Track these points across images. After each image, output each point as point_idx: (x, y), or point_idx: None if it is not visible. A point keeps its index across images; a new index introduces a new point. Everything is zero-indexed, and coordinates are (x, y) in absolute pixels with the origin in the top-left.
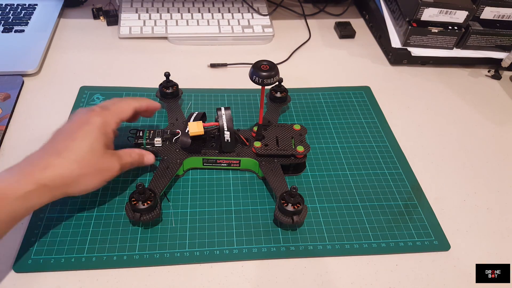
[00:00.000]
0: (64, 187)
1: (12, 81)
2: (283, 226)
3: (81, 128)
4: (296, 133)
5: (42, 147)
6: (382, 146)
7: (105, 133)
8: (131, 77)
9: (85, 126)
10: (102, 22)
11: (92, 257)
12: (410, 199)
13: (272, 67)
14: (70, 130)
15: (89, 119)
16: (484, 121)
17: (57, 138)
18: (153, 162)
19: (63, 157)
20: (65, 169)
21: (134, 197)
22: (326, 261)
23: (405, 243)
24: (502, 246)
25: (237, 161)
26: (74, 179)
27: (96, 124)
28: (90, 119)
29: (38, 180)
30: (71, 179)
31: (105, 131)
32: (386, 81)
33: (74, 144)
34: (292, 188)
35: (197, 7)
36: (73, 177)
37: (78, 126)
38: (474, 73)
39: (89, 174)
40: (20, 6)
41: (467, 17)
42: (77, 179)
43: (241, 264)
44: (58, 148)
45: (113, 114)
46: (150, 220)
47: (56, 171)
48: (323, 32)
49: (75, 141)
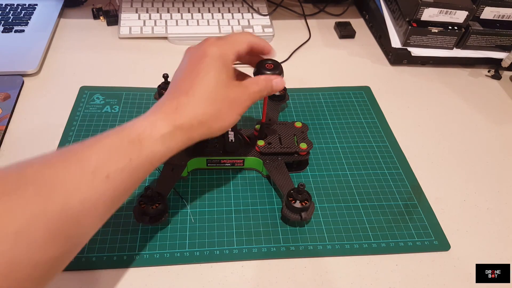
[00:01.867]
0: (199, 127)
1: (12, 81)
2: (291, 223)
3: (201, 61)
4: (298, 130)
5: (168, 91)
6: (382, 146)
7: (226, 64)
8: (131, 77)
9: (204, 59)
10: (102, 22)
11: (92, 257)
12: (410, 199)
13: (276, 66)
14: (190, 66)
15: (206, 51)
16: (484, 121)
17: (179, 78)
18: (283, 86)
19: (191, 95)
20: (196, 107)
21: (142, 201)
22: (326, 261)
23: (405, 243)
24: (502, 246)
25: (241, 161)
26: (209, 116)
27: (215, 55)
28: (207, 51)
29: (172, 121)
30: (205, 116)
31: (225, 62)
32: (386, 81)
33: (198, 79)
34: (299, 185)
35: (197, 7)
36: (208, 114)
37: (197, 60)
38: (474, 73)
39: (222, 108)
40: (20, 6)
41: (467, 17)
42: (211, 116)
43: (241, 264)
44: (183, 87)
45: (229, 44)
46: (159, 223)
47: (188, 111)
48: (323, 32)
49: (198, 76)
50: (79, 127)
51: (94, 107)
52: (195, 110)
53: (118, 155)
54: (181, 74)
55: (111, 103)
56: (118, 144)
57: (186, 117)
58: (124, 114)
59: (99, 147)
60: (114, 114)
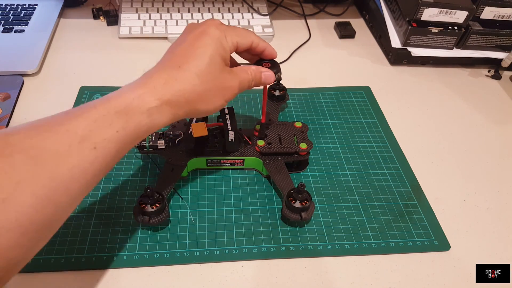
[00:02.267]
0: (187, 105)
1: (12, 81)
2: (291, 223)
3: (200, 38)
4: (298, 130)
5: (160, 61)
6: (382, 146)
7: (223, 48)
8: (131, 77)
9: (204, 37)
10: (102, 22)
11: (92, 257)
12: (410, 199)
13: (274, 65)
14: (188, 41)
15: (207, 30)
16: (484, 121)
17: (175, 51)
18: (273, 81)
19: (184, 69)
20: (186, 83)
21: (142, 201)
22: (326, 261)
23: (405, 243)
24: (502, 246)
25: (241, 161)
26: (196, 95)
27: (215, 36)
28: (208, 30)
29: (161, 95)
30: (193, 94)
31: (223, 45)
32: (386, 81)
33: (194, 55)
34: (299, 185)
35: (197, 7)
36: (196, 93)
37: (196, 36)
38: (474, 73)
39: (211, 90)
40: (20, 6)
41: (467, 17)
42: (199, 95)
43: (241, 264)
44: (177, 60)
45: (232, 31)
46: (159, 223)
47: (177, 86)
48: (323, 32)
49: (195, 52)
50: None
51: None
52: (184, 85)
53: (105, 126)
54: (177, 48)
55: None
56: (105, 115)
57: (175, 91)
58: None
59: (86, 117)
60: None
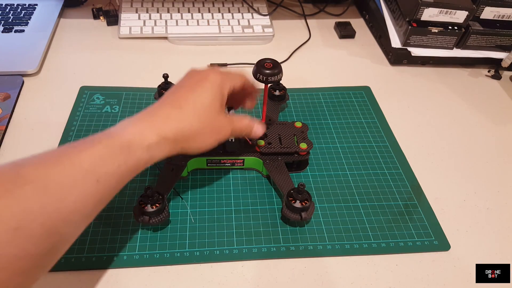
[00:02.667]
0: (182, 142)
1: (12, 81)
2: (291, 223)
3: (201, 83)
4: (298, 130)
5: (162, 100)
6: (382, 146)
7: (222, 93)
8: (131, 77)
9: (205, 82)
10: (102, 22)
11: (92, 257)
12: (410, 199)
13: (275, 65)
14: (189, 84)
15: (208, 76)
16: (484, 121)
17: (177, 91)
18: (260, 135)
19: (184, 109)
20: (185, 122)
21: (142, 201)
22: (326, 261)
23: (405, 243)
24: (502, 246)
25: (241, 161)
26: (193, 134)
27: (216, 82)
28: (209, 76)
29: (160, 132)
30: (190, 133)
31: (222, 91)
32: (386, 81)
33: (194, 98)
34: (299, 185)
35: (197, 7)
36: (192, 132)
37: (198, 81)
38: (474, 73)
39: (206, 131)
40: (20, 6)
41: (467, 17)
42: (195, 134)
43: (241, 264)
44: (179, 101)
45: (229, 77)
46: (159, 223)
47: (176, 124)
48: (323, 32)
49: (194, 95)
50: (79, 127)
51: (94, 107)
52: (183, 123)
53: (108, 161)
54: (179, 89)
55: (111, 103)
56: (109, 150)
57: (173, 128)
58: (124, 114)
59: (91, 152)
60: (114, 114)
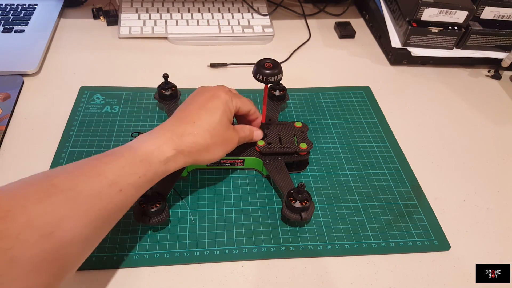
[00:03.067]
0: (196, 154)
1: (12, 81)
2: (291, 223)
3: (212, 100)
4: (298, 130)
5: (175, 115)
6: (382, 146)
7: (230, 110)
8: (131, 77)
9: (215, 100)
10: (102, 22)
11: (92, 257)
12: (410, 199)
13: (275, 65)
14: (201, 101)
15: (218, 94)
16: (484, 121)
17: (189, 108)
18: (260, 138)
19: (198, 125)
20: (199, 137)
21: (142, 201)
22: (326, 261)
23: (405, 243)
24: (502, 246)
25: (241, 161)
26: (205, 147)
27: (225, 100)
28: (219, 94)
29: (177, 147)
30: (203, 147)
31: (230, 108)
32: (386, 81)
33: (206, 114)
34: (299, 185)
35: (197, 7)
36: (205, 145)
37: (209, 98)
38: (474, 73)
39: (217, 144)
40: (20, 6)
41: (467, 17)
42: (207, 147)
43: (241, 264)
44: (192, 117)
45: (237, 98)
46: (159, 223)
47: (191, 139)
48: (323, 32)
49: (207, 112)
50: (79, 127)
51: (94, 107)
52: (197, 138)
53: (130, 173)
54: (190, 106)
55: (111, 103)
56: (131, 163)
57: (188, 143)
58: (124, 114)
59: (116, 164)
60: (114, 114)
